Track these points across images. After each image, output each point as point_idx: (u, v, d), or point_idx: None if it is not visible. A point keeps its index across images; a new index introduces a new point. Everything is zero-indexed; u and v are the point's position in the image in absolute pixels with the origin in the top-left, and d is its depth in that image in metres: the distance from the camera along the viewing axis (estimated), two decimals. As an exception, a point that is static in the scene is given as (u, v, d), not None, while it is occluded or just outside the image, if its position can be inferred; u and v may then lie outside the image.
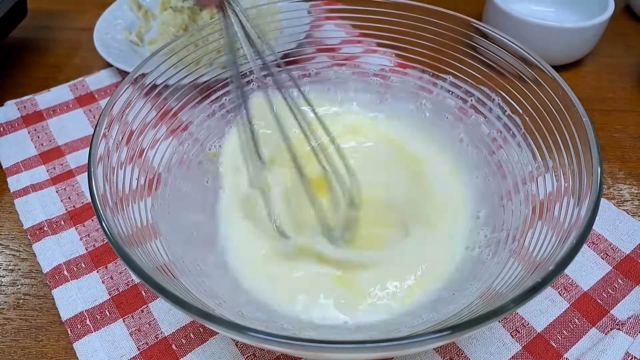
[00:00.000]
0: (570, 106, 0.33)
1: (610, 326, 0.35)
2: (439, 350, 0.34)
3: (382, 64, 0.49)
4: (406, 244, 0.37)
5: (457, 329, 0.23)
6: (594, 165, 0.29)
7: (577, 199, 0.29)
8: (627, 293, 0.37)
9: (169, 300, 0.24)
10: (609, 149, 0.49)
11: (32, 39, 0.65)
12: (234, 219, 0.40)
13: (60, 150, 0.50)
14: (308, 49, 0.51)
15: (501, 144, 0.40)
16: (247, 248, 0.38)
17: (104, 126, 0.33)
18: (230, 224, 0.40)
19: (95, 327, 0.36)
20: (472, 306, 0.29)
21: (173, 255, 0.33)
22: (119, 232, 0.28)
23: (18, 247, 0.42)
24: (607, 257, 0.39)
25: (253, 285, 0.36)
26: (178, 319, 0.36)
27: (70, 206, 0.44)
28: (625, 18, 0.67)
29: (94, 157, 0.31)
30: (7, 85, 0.58)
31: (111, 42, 0.59)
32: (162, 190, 0.39)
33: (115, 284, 0.39)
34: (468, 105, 0.43)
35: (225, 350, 0.35)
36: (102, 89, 0.56)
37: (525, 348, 0.34)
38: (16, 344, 0.36)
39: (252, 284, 0.36)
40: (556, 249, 0.28)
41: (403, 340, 0.22)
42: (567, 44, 0.55)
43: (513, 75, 0.38)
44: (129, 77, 0.37)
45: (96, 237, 0.42)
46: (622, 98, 0.55)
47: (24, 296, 0.39)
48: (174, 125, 0.42)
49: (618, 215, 0.42)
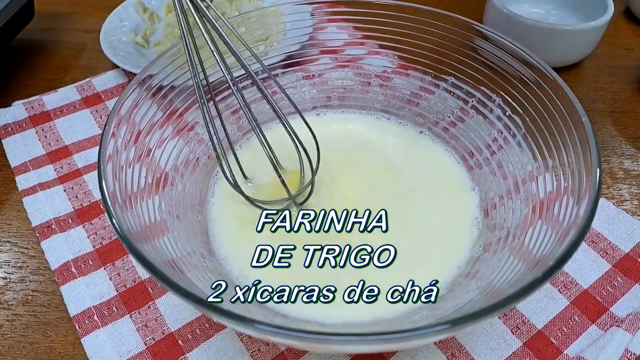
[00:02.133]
0: (570, 107, 0.33)
1: (610, 323, 0.36)
2: (441, 347, 0.35)
3: (385, 66, 0.50)
4: (406, 242, 0.38)
5: (457, 322, 0.23)
6: (593, 165, 0.30)
7: (577, 198, 0.30)
8: (626, 291, 0.38)
9: (179, 294, 0.25)
10: (608, 149, 0.50)
11: (38, 40, 0.66)
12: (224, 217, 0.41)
13: (67, 149, 0.50)
14: (311, 50, 0.52)
15: (502, 144, 0.41)
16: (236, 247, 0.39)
17: (112, 125, 0.34)
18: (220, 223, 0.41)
19: (103, 323, 0.37)
20: (473, 302, 0.30)
21: (180, 252, 0.34)
22: (129, 228, 0.29)
23: (26, 244, 0.43)
24: (607, 256, 0.40)
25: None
26: (184, 315, 0.37)
27: (78, 204, 0.45)
28: (625, 20, 0.67)
29: (103, 155, 0.32)
30: (15, 86, 0.59)
31: (117, 44, 0.60)
32: (169, 189, 0.39)
33: (122, 281, 0.39)
34: (469, 106, 0.44)
35: (231, 345, 0.35)
36: (108, 89, 0.57)
37: (526, 344, 0.35)
38: (25, 340, 0.37)
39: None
40: (555, 247, 0.28)
41: (405, 332, 0.23)
42: (567, 45, 0.56)
43: (514, 76, 0.39)
44: (137, 78, 0.38)
45: (103, 234, 0.43)
46: (622, 99, 0.56)
47: (33, 292, 0.40)
48: (180, 125, 0.43)
49: (617, 214, 0.42)
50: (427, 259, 0.37)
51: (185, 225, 0.38)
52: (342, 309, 0.34)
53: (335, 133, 0.48)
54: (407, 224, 0.39)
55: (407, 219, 0.40)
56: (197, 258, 0.35)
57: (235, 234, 0.39)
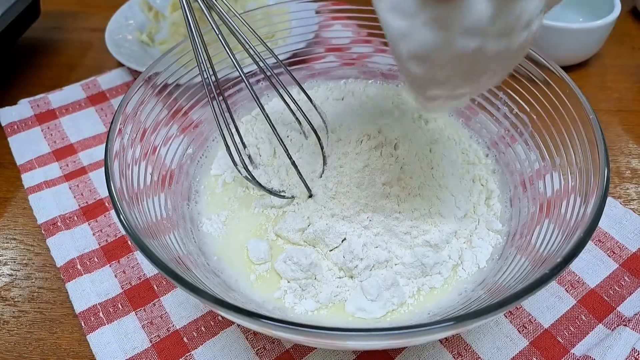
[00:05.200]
0: (578, 105, 0.33)
1: (617, 322, 0.35)
2: (447, 345, 0.35)
3: (391, 63, 0.50)
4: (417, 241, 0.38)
5: (462, 319, 0.23)
6: (601, 163, 0.30)
7: (584, 197, 0.30)
8: (633, 290, 0.37)
9: (187, 290, 0.25)
10: (615, 148, 0.50)
11: (44, 39, 0.66)
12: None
13: (73, 147, 0.50)
14: (316, 48, 0.51)
15: (509, 142, 0.41)
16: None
17: (119, 123, 0.34)
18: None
19: (109, 320, 0.37)
20: (479, 300, 0.30)
21: (186, 248, 0.34)
22: (136, 225, 0.29)
23: (32, 241, 0.43)
24: (614, 255, 0.39)
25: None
26: (189, 312, 0.37)
27: (83, 202, 0.45)
28: (631, 20, 0.67)
29: (110, 152, 0.32)
30: (21, 84, 0.59)
31: (122, 43, 0.60)
32: (175, 187, 0.39)
33: (127, 278, 0.39)
34: (476, 103, 0.44)
35: (236, 343, 0.35)
36: (113, 88, 0.57)
37: (532, 343, 0.35)
38: (31, 336, 0.37)
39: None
40: (562, 245, 0.28)
41: (411, 329, 0.23)
42: (574, 44, 0.56)
43: (521, 74, 0.39)
44: (142, 76, 0.38)
45: (108, 232, 0.43)
46: (628, 99, 0.55)
47: (38, 289, 0.40)
48: (185, 123, 0.43)
49: (625, 214, 0.42)
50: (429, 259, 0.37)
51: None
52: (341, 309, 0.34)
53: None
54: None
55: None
56: (200, 257, 0.35)
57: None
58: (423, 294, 0.34)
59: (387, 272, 0.34)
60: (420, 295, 0.34)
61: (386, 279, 0.33)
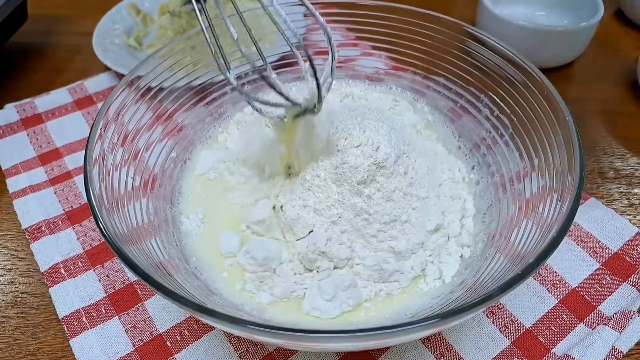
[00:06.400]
0: (554, 106, 0.34)
1: (597, 321, 0.36)
2: (429, 346, 0.35)
3: (377, 67, 0.50)
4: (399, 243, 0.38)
5: (442, 317, 0.24)
6: (576, 161, 0.30)
7: (560, 195, 0.30)
8: (614, 289, 0.38)
9: (166, 296, 0.25)
10: (598, 149, 0.50)
11: (32, 43, 0.66)
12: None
13: (58, 152, 0.50)
14: (304, 51, 0.52)
15: (490, 144, 0.41)
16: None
17: (99, 128, 0.34)
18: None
19: (92, 325, 0.37)
20: (459, 299, 0.30)
21: (168, 253, 0.34)
22: (115, 231, 0.29)
23: (16, 246, 0.43)
24: (596, 255, 0.40)
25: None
26: (172, 316, 0.37)
27: (68, 207, 0.45)
28: (615, 22, 0.68)
29: (89, 158, 0.32)
30: (7, 88, 0.59)
31: (110, 47, 0.60)
32: (157, 191, 0.39)
33: (111, 282, 0.39)
34: (458, 106, 0.44)
35: (219, 346, 0.35)
36: (100, 92, 0.57)
37: (514, 343, 0.35)
38: (14, 342, 0.37)
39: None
40: (539, 242, 0.29)
41: (392, 328, 0.23)
42: (558, 46, 0.56)
43: (501, 76, 0.39)
44: (125, 80, 0.38)
45: (93, 236, 0.43)
46: (612, 100, 0.56)
47: (22, 294, 0.40)
48: (169, 127, 0.43)
49: (606, 213, 0.42)
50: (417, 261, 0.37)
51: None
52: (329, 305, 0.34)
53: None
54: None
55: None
56: (182, 261, 0.35)
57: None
58: (380, 299, 0.35)
59: (346, 273, 0.35)
60: (378, 301, 0.34)
61: (344, 280, 0.34)
